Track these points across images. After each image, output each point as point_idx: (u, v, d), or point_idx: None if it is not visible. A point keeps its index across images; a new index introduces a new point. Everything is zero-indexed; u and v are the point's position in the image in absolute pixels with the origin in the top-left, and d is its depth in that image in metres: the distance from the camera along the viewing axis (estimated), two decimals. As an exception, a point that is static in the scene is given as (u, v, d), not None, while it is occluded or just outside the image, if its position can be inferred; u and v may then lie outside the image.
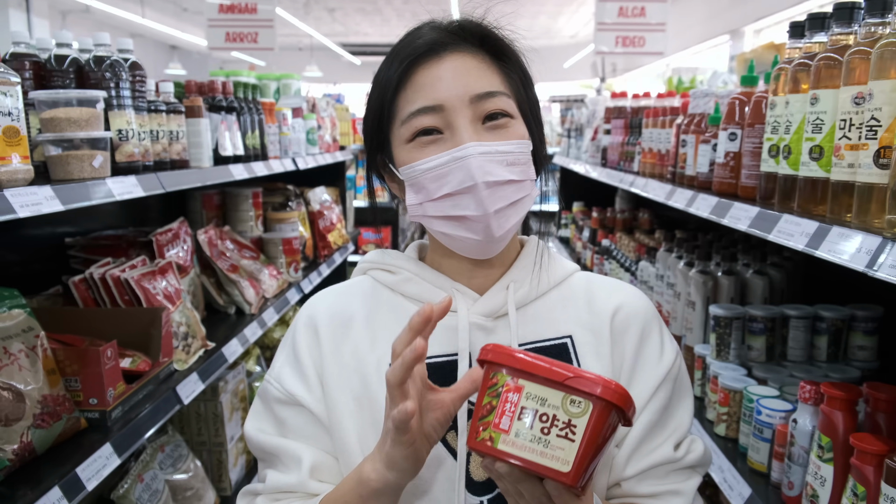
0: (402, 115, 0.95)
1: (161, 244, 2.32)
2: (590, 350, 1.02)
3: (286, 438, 1.01)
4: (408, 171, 0.95)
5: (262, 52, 5.33)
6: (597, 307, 1.05)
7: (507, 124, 0.95)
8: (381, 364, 0.99)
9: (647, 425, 1.01)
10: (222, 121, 2.48)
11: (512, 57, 1.00)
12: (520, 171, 0.94)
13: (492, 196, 0.91)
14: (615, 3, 4.88)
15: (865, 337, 1.70)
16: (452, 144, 0.92)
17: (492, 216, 0.92)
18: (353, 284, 1.10)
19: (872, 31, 1.10)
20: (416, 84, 0.94)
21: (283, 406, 1.02)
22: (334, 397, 1.00)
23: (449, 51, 0.95)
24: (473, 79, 0.94)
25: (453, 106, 0.92)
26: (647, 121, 2.40)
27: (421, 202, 0.96)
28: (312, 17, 12.81)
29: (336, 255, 3.92)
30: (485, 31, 0.99)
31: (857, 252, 0.97)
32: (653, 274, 2.40)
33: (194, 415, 2.46)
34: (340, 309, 1.05)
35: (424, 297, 1.02)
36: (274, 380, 1.04)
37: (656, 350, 1.04)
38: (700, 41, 9.43)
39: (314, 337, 1.04)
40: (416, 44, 0.96)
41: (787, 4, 6.67)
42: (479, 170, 0.90)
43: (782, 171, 1.35)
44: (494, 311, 1.01)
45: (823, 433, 1.24)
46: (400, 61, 0.96)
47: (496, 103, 0.94)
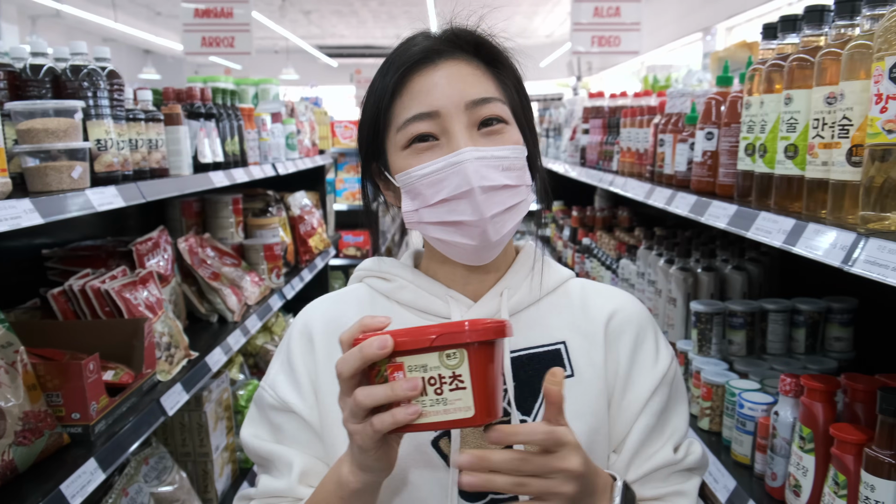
0: (398, 122, 0.96)
1: (141, 254, 2.30)
2: (583, 355, 1.02)
3: (280, 444, 1.02)
4: (404, 178, 0.96)
5: (239, 56, 5.29)
6: (591, 313, 1.06)
7: (502, 130, 0.95)
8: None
9: (646, 430, 1.01)
10: (201, 128, 2.46)
11: (506, 64, 1.01)
12: (515, 176, 0.95)
13: (488, 201, 0.92)
14: (590, 3, 4.92)
15: (841, 328, 1.74)
16: (448, 150, 0.93)
17: (488, 221, 0.92)
18: (349, 292, 1.11)
19: (842, 33, 1.12)
20: (412, 91, 0.95)
21: (277, 412, 1.03)
22: (327, 405, 1.00)
23: (444, 58, 0.96)
24: (468, 85, 0.94)
25: (449, 112, 0.93)
26: (625, 120, 2.43)
27: (417, 209, 0.96)
28: (288, 20, 12.75)
29: (318, 259, 3.91)
30: (479, 39, 0.99)
31: (832, 248, 1.00)
32: (634, 272, 2.42)
33: (178, 425, 2.44)
34: (335, 317, 1.06)
35: (419, 304, 1.03)
36: (269, 387, 1.05)
37: (651, 355, 1.05)
38: (673, 39, 9.53)
39: (309, 345, 1.04)
40: (411, 51, 0.97)
41: (758, 2, 6.78)
42: (475, 174, 0.91)
43: (759, 170, 1.37)
44: (488, 317, 1.01)
45: (804, 424, 1.26)
46: (395, 69, 0.96)
47: (491, 109, 0.95)
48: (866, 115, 1.00)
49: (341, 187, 6.63)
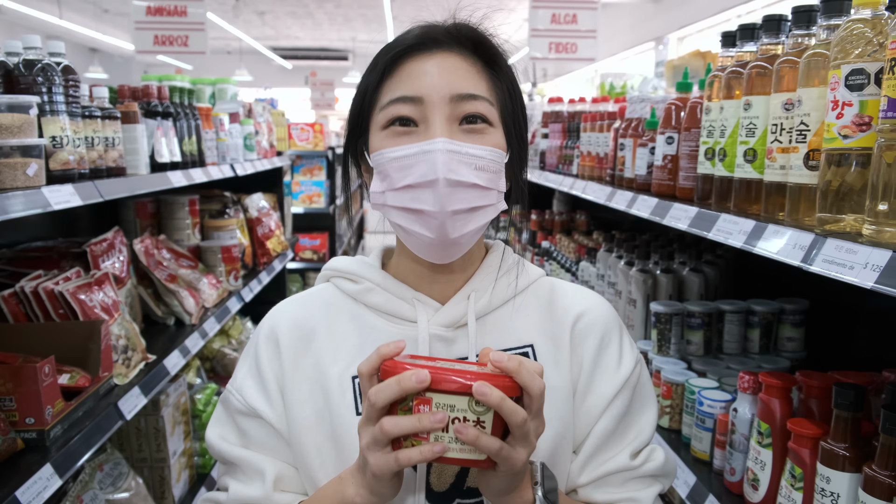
0: (383, 101, 0.95)
1: (96, 255, 2.24)
2: (549, 360, 1.02)
3: (248, 450, 1.01)
4: (377, 158, 0.95)
5: (192, 55, 5.19)
6: (558, 315, 1.05)
7: (483, 130, 0.94)
8: (343, 378, 0.99)
9: (604, 434, 1.01)
10: (158, 126, 2.41)
11: (503, 67, 1.00)
12: (487, 178, 0.93)
13: (451, 195, 0.90)
14: (548, 9, 4.99)
15: (793, 329, 1.80)
16: (425, 138, 0.92)
17: (448, 216, 0.90)
18: (315, 294, 1.09)
19: (799, 42, 1.17)
20: (401, 74, 0.95)
21: (244, 417, 1.01)
22: (294, 412, 0.99)
23: (440, 48, 0.95)
24: (459, 79, 0.94)
25: (432, 100, 0.92)
26: (586, 125, 2.47)
27: (383, 191, 0.95)
28: (242, 20, 12.56)
29: (275, 262, 3.86)
30: (479, 37, 0.99)
31: (791, 248, 1.04)
32: (594, 274, 2.47)
33: (134, 430, 2.38)
34: (302, 320, 1.04)
35: (386, 307, 1.02)
36: (236, 391, 1.03)
37: (614, 358, 1.04)
38: (626, 48, 9.75)
39: (275, 350, 1.03)
40: (409, 36, 0.97)
41: (708, 13, 7.00)
42: (443, 166, 0.89)
43: (718, 173, 1.42)
44: (455, 321, 1.00)
45: (762, 420, 1.31)
46: (389, 51, 0.96)
47: (476, 106, 0.94)
48: (823, 121, 1.05)
49: (298, 190, 6.57)
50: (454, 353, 1.00)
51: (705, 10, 7.04)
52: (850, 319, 1.76)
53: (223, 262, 3.10)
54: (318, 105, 14.43)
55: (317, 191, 6.69)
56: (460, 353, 1.00)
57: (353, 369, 0.99)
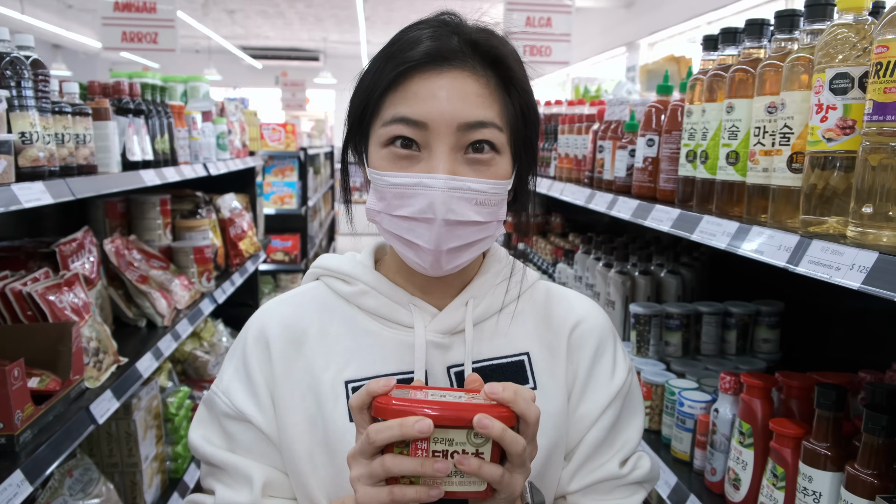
0: (385, 116, 0.90)
1: (65, 255, 2.18)
2: (545, 368, 1.01)
3: (234, 454, 0.98)
4: (375, 177, 0.92)
5: (162, 53, 5.10)
6: (555, 323, 1.04)
7: (489, 161, 0.90)
8: (336, 383, 0.97)
9: (595, 443, 1.01)
10: (130, 124, 2.36)
11: (518, 86, 0.94)
12: (487, 212, 0.90)
13: (449, 234, 0.88)
14: (522, 12, 5.01)
15: (769, 330, 1.83)
16: (426, 168, 0.88)
17: (443, 253, 0.89)
18: (305, 293, 1.06)
19: (783, 46, 1.19)
20: (408, 91, 0.89)
21: (231, 421, 0.98)
22: (286, 417, 0.97)
23: (453, 66, 0.89)
24: (470, 105, 0.88)
25: (437, 128, 0.87)
26: (563, 127, 2.49)
27: (379, 210, 0.92)
28: (211, 19, 12.39)
29: (248, 263, 3.81)
30: (500, 55, 0.92)
31: (777, 249, 1.05)
32: (571, 275, 2.48)
33: (105, 435, 2.32)
34: (293, 322, 1.01)
35: (381, 312, 0.99)
36: (222, 393, 0.99)
37: (608, 369, 1.04)
38: (598, 53, 9.85)
39: (265, 352, 0.99)
40: (421, 48, 0.89)
41: (679, 19, 7.11)
42: (442, 206, 0.86)
43: (700, 175, 1.44)
44: (452, 328, 0.99)
45: (744, 420, 1.32)
46: (397, 63, 0.89)
47: (484, 134, 0.89)
48: (807, 124, 1.07)
49: (269, 191, 6.50)
50: (449, 360, 0.99)
51: (676, 16, 7.16)
52: (825, 321, 1.79)
53: (195, 263, 3.04)
54: (288, 105, 14.31)
55: (288, 192, 6.63)
56: (455, 360, 0.99)
57: (346, 374, 0.97)
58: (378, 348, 0.98)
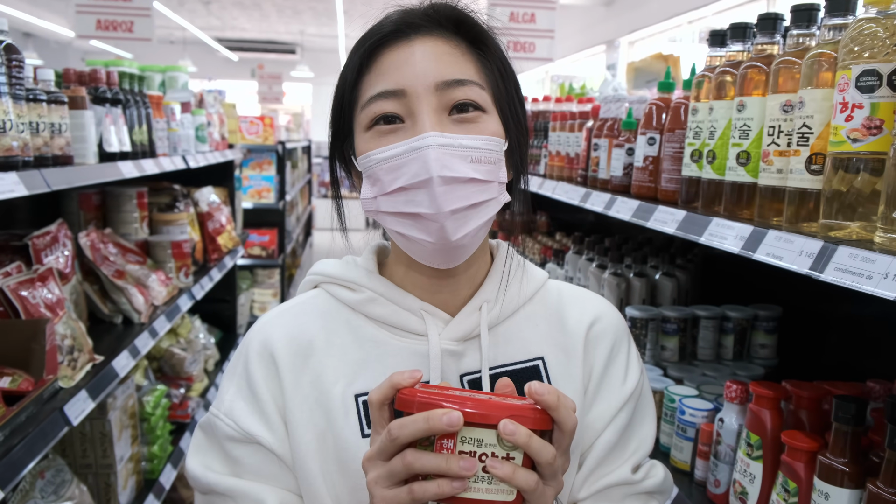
0: (363, 99, 0.87)
1: (38, 248, 2.09)
2: (561, 371, 0.97)
3: (241, 479, 0.91)
4: (364, 161, 0.87)
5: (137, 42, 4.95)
6: (569, 325, 1.01)
7: (476, 119, 0.86)
8: (346, 397, 0.91)
9: (607, 446, 0.97)
10: (107, 114, 2.26)
11: (490, 46, 0.91)
12: (486, 170, 0.85)
13: (448, 194, 0.82)
14: (506, 7, 4.95)
15: (766, 336, 1.80)
16: (413, 134, 0.84)
17: (447, 216, 0.82)
18: (307, 302, 1.00)
19: (800, 42, 1.15)
20: (380, 67, 0.87)
21: (236, 444, 0.91)
22: (298, 435, 0.90)
23: (419, 34, 0.87)
24: (443, 64, 0.85)
25: (416, 92, 0.84)
26: (555, 124, 2.44)
27: (375, 196, 0.87)
28: (186, 10, 12.15)
29: (227, 258, 3.72)
30: (460, 15, 0.90)
31: (798, 255, 1.01)
32: (561, 276, 2.44)
33: (79, 435, 2.23)
34: (298, 333, 0.95)
35: (391, 320, 0.93)
36: (225, 415, 0.92)
37: (622, 370, 1.01)
38: (577, 50, 9.85)
39: (271, 367, 0.92)
40: (384, 24, 0.88)
41: (659, 18, 7.12)
42: (435, 163, 0.81)
43: (706, 176, 1.39)
44: (466, 334, 0.94)
45: (752, 431, 1.28)
46: (364, 42, 0.88)
47: (466, 93, 0.85)
48: (828, 123, 1.03)
49: (247, 184, 6.38)
50: (463, 368, 0.94)
51: (657, 14, 7.17)
52: (823, 326, 1.77)
53: (173, 258, 2.95)
54: (265, 99, 14.14)
55: (266, 185, 6.52)
56: (469, 368, 0.94)
57: (355, 387, 0.91)
58: (388, 358, 0.92)
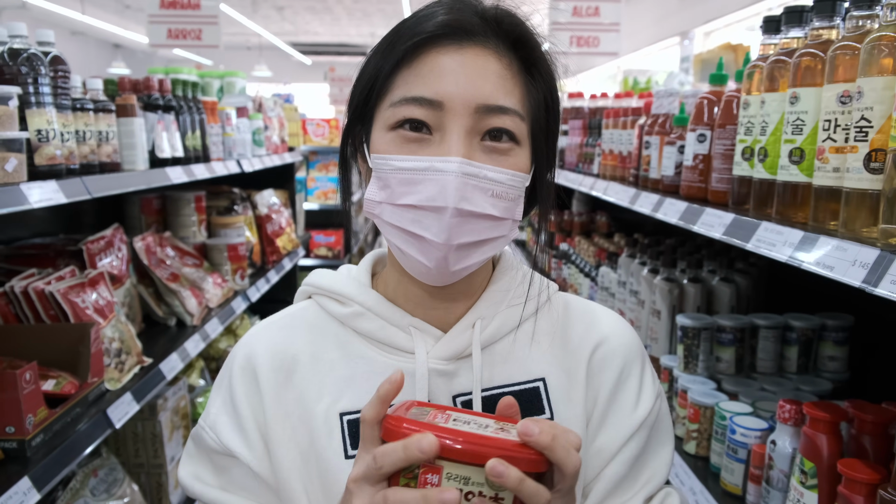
0: (394, 96, 0.80)
1: (92, 253, 2.15)
2: (562, 395, 0.89)
3: (226, 492, 0.89)
4: (379, 162, 0.81)
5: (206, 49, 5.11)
6: (573, 343, 0.93)
7: (508, 151, 0.80)
8: (330, 415, 0.86)
9: (615, 478, 0.89)
10: (159, 120, 2.31)
11: (543, 72, 0.84)
12: (504, 207, 0.80)
13: (460, 227, 0.77)
14: (569, 2, 4.83)
15: (836, 347, 1.64)
16: (438, 151, 0.78)
17: (451, 248, 0.78)
18: (296, 314, 0.96)
19: (860, 25, 1.02)
20: (421, 67, 0.79)
21: (220, 456, 0.89)
22: (279, 454, 0.86)
23: (473, 42, 0.79)
24: (490, 86, 0.78)
25: (454, 108, 0.77)
26: (608, 121, 2.33)
27: (381, 201, 0.81)
28: (261, 16, 12.51)
29: (285, 260, 3.76)
30: (524, 33, 0.82)
31: (850, 265, 0.89)
32: (614, 280, 2.32)
33: (131, 435, 2.28)
34: (282, 348, 0.91)
35: (378, 335, 0.88)
36: (209, 428, 0.90)
37: (633, 396, 0.92)
38: (650, 43, 9.52)
39: (253, 383, 0.89)
40: (438, 20, 0.79)
41: (736, 7, 6.76)
42: (455, 192, 0.76)
43: (757, 175, 1.27)
44: (457, 353, 0.87)
45: (806, 457, 1.15)
46: (411, 35, 0.79)
47: (504, 122, 0.79)
48: (890, 116, 0.91)
49: (313, 186, 6.47)
50: (455, 389, 0.87)
51: (733, 2, 6.81)
52: (899, 337, 1.60)
53: (229, 261, 3.00)
54: (336, 101, 14.39)
55: (332, 187, 6.60)
56: (462, 389, 0.87)
57: (340, 405, 0.86)
58: (375, 376, 0.86)
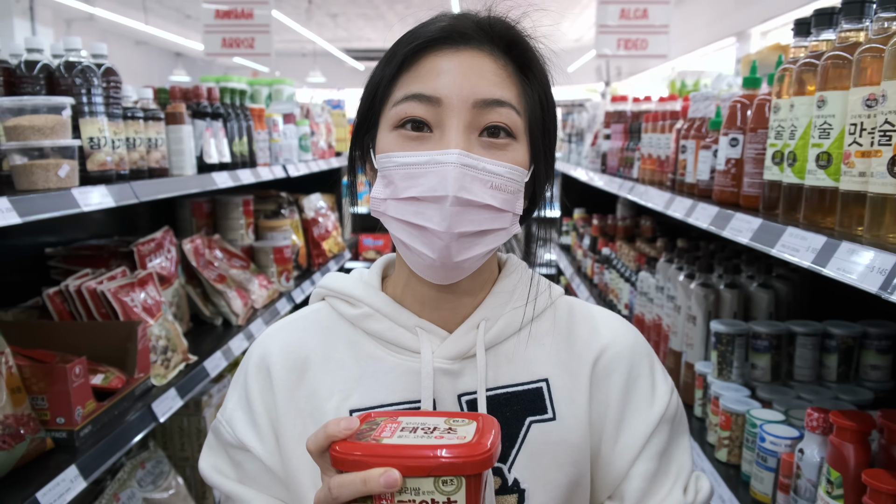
0: (396, 96, 0.85)
1: (142, 254, 2.25)
2: (565, 396, 0.92)
3: (241, 484, 0.94)
4: (383, 160, 0.84)
5: (259, 57, 5.26)
6: (577, 347, 0.95)
7: (505, 146, 0.84)
8: (340, 412, 0.90)
9: (648, 475, 0.92)
10: (207, 127, 2.40)
11: (538, 73, 0.88)
12: (503, 199, 0.83)
13: (460, 215, 0.80)
14: (617, 4, 4.78)
15: (879, 356, 1.59)
16: (438, 146, 0.82)
17: (453, 237, 0.81)
18: (309, 316, 1.00)
19: (886, 27, 1.00)
20: (421, 68, 0.84)
21: (236, 450, 0.94)
22: (290, 450, 0.91)
23: (469, 45, 0.84)
24: (486, 82, 0.83)
25: (451, 104, 0.81)
26: (647, 125, 2.31)
27: (385, 198, 0.85)
28: (315, 23, 12.77)
29: (331, 263, 3.84)
30: (515, 36, 0.87)
31: (868, 271, 0.87)
32: (653, 285, 2.30)
33: (177, 430, 2.38)
34: (295, 347, 0.95)
35: (386, 336, 0.92)
36: (226, 422, 0.95)
37: (646, 394, 0.94)
38: (705, 44, 9.32)
39: (266, 380, 0.94)
40: (435, 26, 0.85)
41: (795, 5, 6.55)
42: (454, 182, 0.79)
43: (787, 180, 1.25)
44: (462, 353, 0.90)
45: (833, 467, 1.13)
46: (411, 41, 0.85)
47: (501, 115, 0.83)
48: (912, 120, 0.89)
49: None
50: (460, 388, 0.90)
51: (790, 1, 6.61)
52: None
53: (275, 263, 3.09)
54: (388, 106, 14.52)
55: (347, 160, 6.67)
56: (467, 388, 0.90)
57: (350, 402, 0.90)
58: (384, 375, 0.90)
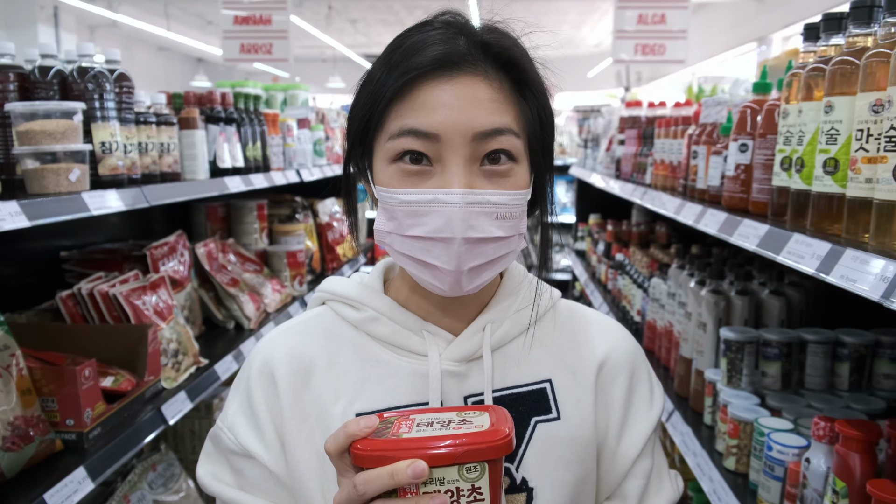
0: (391, 129, 0.82)
1: (156, 258, 2.27)
2: (569, 396, 0.93)
3: (244, 492, 0.93)
4: (384, 194, 0.84)
5: (277, 62, 5.31)
6: (581, 350, 0.97)
7: (508, 172, 0.83)
8: (346, 416, 0.90)
9: (647, 472, 0.96)
10: (221, 132, 2.42)
11: (535, 91, 0.86)
12: (509, 226, 0.83)
13: (469, 252, 0.81)
14: (634, 10, 4.75)
15: (891, 365, 1.56)
16: (439, 183, 0.80)
17: (463, 273, 0.82)
18: (311, 320, 0.99)
19: (893, 32, 0.98)
20: (416, 101, 0.81)
21: (237, 457, 0.93)
22: (296, 454, 0.90)
23: (463, 71, 0.81)
24: (483, 111, 0.80)
25: (450, 140, 0.79)
26: (659, 131, 2.29)
27: (390, 231, 0.84)
28: (334, 29, 12.86)
29: (345, 267, 3.85)
30: (511, 59, 0.84)
31: (872, 278, 0.86)
32: (664, 292, 2.27)
33: (188, 432, 2.39)
34: (299, 352, 0.95)
35: (392, 340, 0.92)
36: (227, 429, 0.94)
37: (647, 397, 0.99)
38: (726, 49, 9.24)
39: (271, 386, 0.93)
40: (427, 54, 0.81)
41: (816, 10, 6.48)
42: (461, 223, 0.79)
43: (795, 186, 1.23)
44: (468, 355, 0.91)
45: (838, 477, 1.11)
46: (403, 71, 0.81)
47: (501, 142, 0.81)
48: (917, 126, 0.87)
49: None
50: (466, 389, 0.91)
51: (813, 6, 6.53)
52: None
53: (288, 267, 3.10)
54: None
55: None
56: (473, 390, 0.91)
57: (356, 406, 0.90)
58: (390, 378, 0.91)
